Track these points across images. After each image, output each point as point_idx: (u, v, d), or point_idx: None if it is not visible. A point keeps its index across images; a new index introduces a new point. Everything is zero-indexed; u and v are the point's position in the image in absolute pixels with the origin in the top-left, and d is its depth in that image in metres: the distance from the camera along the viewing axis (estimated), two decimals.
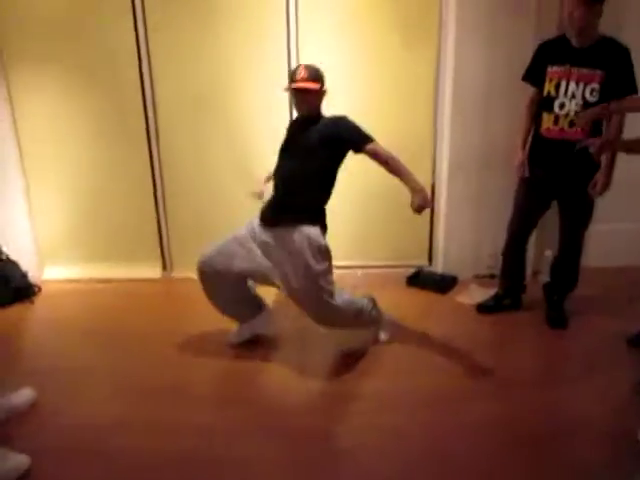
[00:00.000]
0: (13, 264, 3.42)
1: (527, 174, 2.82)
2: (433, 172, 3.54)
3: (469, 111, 3.23)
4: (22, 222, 3.58)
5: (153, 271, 3.71)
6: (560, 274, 3.01)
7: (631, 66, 2.52)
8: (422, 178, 3.47)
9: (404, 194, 3.48)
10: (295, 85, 2.40)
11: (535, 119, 2.77)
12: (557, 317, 2.98)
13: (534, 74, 2.73)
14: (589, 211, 2.81)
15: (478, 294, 3.31)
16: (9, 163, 3.48)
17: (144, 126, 3.46)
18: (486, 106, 3.18)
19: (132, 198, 3.60)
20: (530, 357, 2.78)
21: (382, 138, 3.26)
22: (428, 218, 3.63)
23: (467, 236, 3.49)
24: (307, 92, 2.41)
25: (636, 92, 2.53)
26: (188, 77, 3.36)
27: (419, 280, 3.52)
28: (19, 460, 1.97)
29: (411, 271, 3.60)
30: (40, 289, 3.51)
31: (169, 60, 3.35)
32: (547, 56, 2.66)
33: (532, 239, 3.10)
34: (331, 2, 3.24)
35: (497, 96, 3.18)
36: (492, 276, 3.46)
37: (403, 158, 3.43)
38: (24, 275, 3.44)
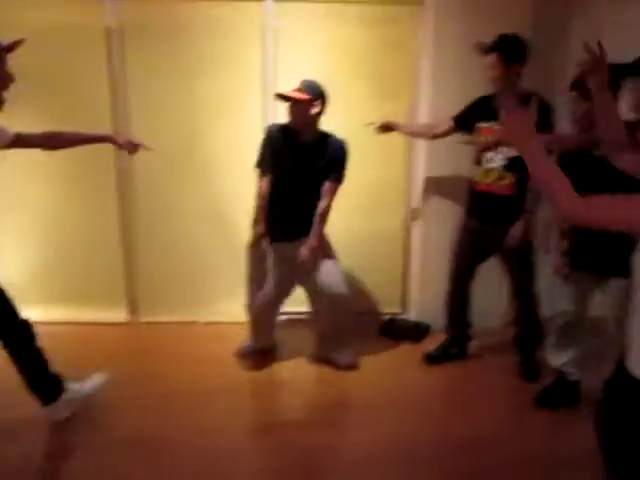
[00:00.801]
0: None
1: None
2: (407, 220, 3.56)
3: (442, 162, 3.27)
4: None
5: (120, 315, 3.59)
6: (523, 326, 2.99)
7: (550, 120, 2.58)
8: (397, 225, 3.55)
9: (376, 241, 3.54)
10: (282, 92, 2.48)
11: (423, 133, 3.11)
12: (528, 370, 2.94)
13: (463, 120, 2.84)
14: (529, 265, 2.82)
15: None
16: None
17: (114, 171, 3.41)
18: (457, 157, 3.23)
19: (99, 241, 3.50)
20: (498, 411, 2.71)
21: (358, 187, 3.32)
22: (401, 265, 3.62)
23: (442, 283, 3.47)
24: (295, 102, 2.43)
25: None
26: (162, 124, 3.34)
27: (392, 329, 3.47)
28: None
29: (384, 319, 3.56)
30: None
31: (143, 107, 3.33)
32: (478, 112, 2.76)
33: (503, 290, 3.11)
34: (309, 58, 3.29)
35: (470, 148, 3.23)
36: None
37: (379, 206, 3.51)
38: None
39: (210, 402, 2.65)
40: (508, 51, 2.59)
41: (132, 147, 2.50)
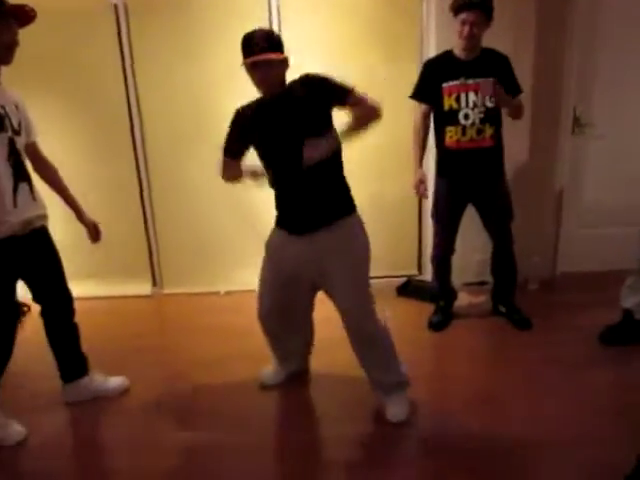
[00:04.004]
0: None
1: (426, 195, 2.97)
2: None
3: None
4: None
5: (143, 288, 3.71)
6: (502, 272, 3.08)
7: (513, 70, 2.76)
8: (409, 190, 3.57)
9: (390, 205, 3.58)
10: (256, 58, 1.91)
11: (427, 136, 2.91)
12: (520, 319, 3.06)
13: (424, 92, 2.83)
14: (509, 202, 2.90)
15: (467, 301, 3.36)
16: None
17: (132, 149, 3.50)
18: None
19: (122, 218, 3.62)
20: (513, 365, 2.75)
21: (368, 153, 3.36)
22: (416, 228, 3.67)
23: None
24: (270, 65, 1.94)
25: (521, 91, 2.80)
26: (171, 99, 3.41)
27: (409, 290, 3.55)
28: (15, 430, 2.23)
29: (401, 281, 3.63)
30: (29, 308, 3.49)
31: (154, 83, 3.40)
32: (438, 74, 2.75)
33: (517, 246, 3.14)
34: (315, 27, 3.30)
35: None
36: (481, 283, 3.50)
37: (391, 167, 3.53)
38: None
39: (230, 367, 2.75)
40: (488, 8, 2.61)
41: (94, 233, 2.55)
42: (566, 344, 2.83)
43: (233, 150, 2.22)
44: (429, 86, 2.79)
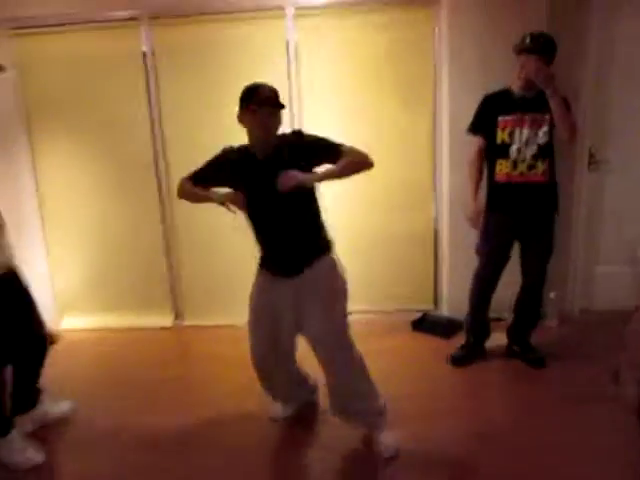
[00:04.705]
0: None
1: (479, 226, 2.93)
2: (435, 219, 3.64)
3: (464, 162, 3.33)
4: (42, 277, 3.78)
5: (165, 320, 3.83)
6: (526, 311, 3.05)
7: (570, 110, 2.75)
8: (424, 225, 3.64)
9: (406, 240, 3.63)
10: (274, 104, 2.08)
11: (483, 169, 2.90)
12: (534, 358, 3.03)
13: (481, 126, 2.86)
14: (552, 240, 2.90)
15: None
16: (31, 224, 3.74)
17: (156, 186, 3.68)
18: None
19: (145, 252, 3.78)
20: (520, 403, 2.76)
21: (387, 188, 3.45)
22: (432, 262, 3.70)
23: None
24: (276, 115, 2.12)
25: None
26: (198, 138, 3.56)
27: (424, 325, 3.57)
28: (32, 455, 2.35)
29: (417, 315, 3.65)
30: (59, 338, 3.65)
31: (178, 124, 3.58)
32: (495, 108, 2.80)
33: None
34: (331, 66, 3.45)
35: None
36: (498, 319, 3.48)
37: (406, 207, 3.60)
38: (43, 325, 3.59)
39: (244, 398, 2.81)
40: (550, 54, 2.64)
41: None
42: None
43: (203, 179, 2.31)
44: (486, 120, 2.83)
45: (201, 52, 3.46)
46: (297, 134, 2.19)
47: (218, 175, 2.28)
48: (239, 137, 3.51)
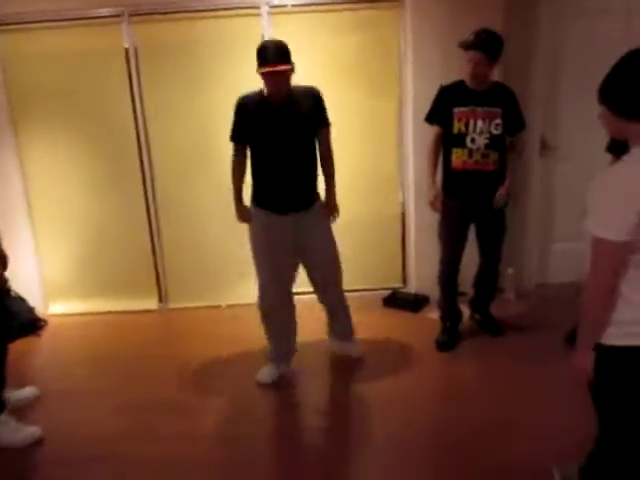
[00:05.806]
0: (21, 301, 3.70)
1: (440, 209, 3.13)
2: (402, 202, 3.92)
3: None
4: (30, 263, 3.93)
5: (151, 302, 4.02)
6: (485, 286, 3.35)
7: (518, 105, 3.03)
8: (391, 209, 3.91)
9: (376, 223, 3.89)
10: (268, 69, 2.35)
11: (439, 156, 3.10)
12: (494, 327, 3.37)
13: (438, 115, 3.05)
14: (504, 222, 3.18)
15: None
16: (18, 213, 3.87)
17: (141, 175, 3.85)
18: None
19: (130, 238, 3.95)
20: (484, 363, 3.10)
21: (355, 173, 3.69)
22: (400, 243, 3.98)
23: (436, 258, 3.81)
24: (280, 74, 2.37)
25: (524, 127, 3.09)
26: (176, 129, 3.76)
27: (394, 301, 3.85)
28: (31, 430, 2.44)
29: (387, 293, 3.93)
30: (46, 323, 3.80)
31: (161, 117, 3.75)
32: (450, 99, 2.99)
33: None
34: (305, 60, 3.60)
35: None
36: (461, 294, 3.77)
37: (374, 192, 3.86)
38: (31, 310, 3.74)
39: (236, 375, 3.05)
40: (492, 50, 2.81)
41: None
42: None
43: (240, 137, 2.66)
44: (441, 110, 3.01)
45: (182, 48, 3.64)
46: (316, 94, 2.62)
47: (245, 125, 2.61)
48: (217, 128, 3.70)
